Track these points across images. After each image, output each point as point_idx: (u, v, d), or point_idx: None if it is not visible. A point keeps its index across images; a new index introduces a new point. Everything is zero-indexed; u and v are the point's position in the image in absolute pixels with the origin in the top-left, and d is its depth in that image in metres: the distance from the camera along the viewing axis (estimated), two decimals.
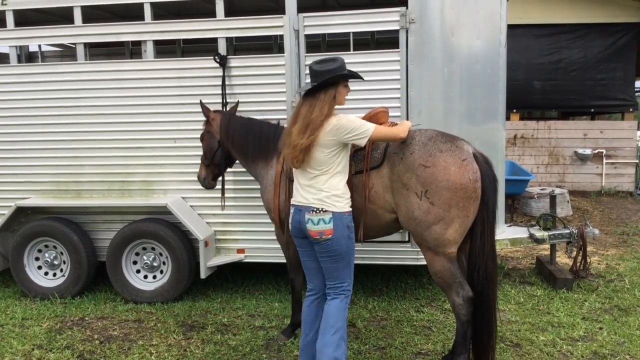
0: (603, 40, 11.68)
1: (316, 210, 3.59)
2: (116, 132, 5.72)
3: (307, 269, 3.89)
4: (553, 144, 11.77)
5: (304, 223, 3.63)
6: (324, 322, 3.72)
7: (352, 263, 3.77)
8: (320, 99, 3.58)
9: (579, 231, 5.92)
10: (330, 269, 3.71)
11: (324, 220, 3.59)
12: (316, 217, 3.59)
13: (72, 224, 5.79)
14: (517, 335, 4.72)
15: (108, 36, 5.74)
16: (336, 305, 3.72)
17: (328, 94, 3.60)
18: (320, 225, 3.59)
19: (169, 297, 5.62)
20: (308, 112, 3.57)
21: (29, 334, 4.98)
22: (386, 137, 3.76)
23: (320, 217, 3.59)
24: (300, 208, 3.67)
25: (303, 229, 3.66)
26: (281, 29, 5.33)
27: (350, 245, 3.69)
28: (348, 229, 3.66)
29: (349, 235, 3.68)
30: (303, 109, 3.62)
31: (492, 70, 5.67)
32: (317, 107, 3.56)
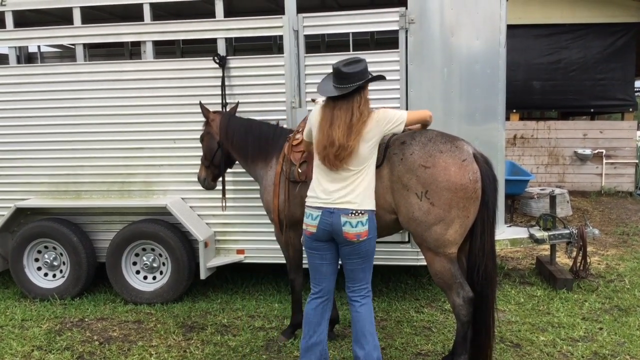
0: (602, 40, 11.68)
1: (354, 212, 3.56)
2: (116, 132, 5.72)
3: (318, 272, 3.80)
4: (553, 144, 11.77)
5: (338, 226, 3.56)
6: (361, 329, 3.69)
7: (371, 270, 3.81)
8: (357, 100, 3.56)
9: (579, 231, 5.91)
10: (358, 270, 3.69)
11: (362, 222, 3.58)
12: (355, 220, 3.57)
13: (71, 224, 5.79)
14: (517, 336, 4.72)
15: (107, 37, 5.74)
16: (368, 310, 3.73)
17: (363, 95, 3.59)
18: (359, 228, 3.57)
19: (168, 298, 5.61)
20: (347, 115, 3.52)
21: (29, 335, 4.98)
22: (418, 119, 3.84)
23: (358, 220, 3.57)
24: (332, 210, 3.58)
25: (335, 231, 3.58)
26: (280, 29, 5.32)
27: (375, 245, 3.74)
28: (376, 229, 3.70)
29: (375, 237, 3.71)
30: (339, 111, 3.54)
31: (492, 70, 5.67)
32: (356, 109, 3.54)
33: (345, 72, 3.52)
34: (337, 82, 3.56)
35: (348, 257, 3.68)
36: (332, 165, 3.58)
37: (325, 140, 3.56)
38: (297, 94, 5.30)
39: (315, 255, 3.75)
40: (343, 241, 3.61)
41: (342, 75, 3.53)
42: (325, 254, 3.73)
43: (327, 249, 3.71)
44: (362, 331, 3.70)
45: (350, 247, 3.62)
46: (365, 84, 3.60)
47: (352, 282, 3.74)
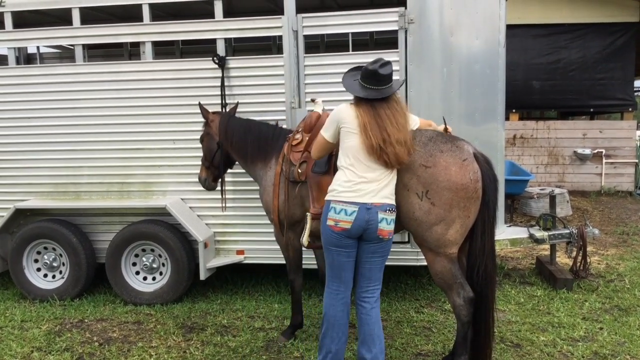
0: (602, 40, 11.68)
1: (391, 209, 3.61)
2: (115, 133, 5.72)
3: (344, 270, 3.72)
4: (552, 144, 11.77)
5: (375, 222, 3.54)
6: (370, 332, 3.69)
7: None
8: (396, 100, 3.65)
9: (579, 231, 5.91)
10: (376, 269, 3.71)
11: (394, 220, 3.64)
12: (389, 217, 3.60)
13: (71, 225, 5.78)
14: (517, 336, 4.72)
15: (106, 37, 5.74)
16: (378, 314, 3.75)
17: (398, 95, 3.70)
18: (392, 225, 3.63)
19: (168, 298, 5.61)
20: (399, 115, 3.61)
21: (28, 336, 4.97)
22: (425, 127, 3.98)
23: (392, 217, 3.62)
24: (369, 206, 3.55)
25: (370, 228, 3.56)
26: (280, 29, 5.32)
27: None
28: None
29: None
30: (388, 111, 3.58)
31: (491, 70, 5.66)
32: (403, 109, 3.66)
33: (383, 74, 3.58)
34: (375, 83, 3.59)
35: (371, 256, 3.67)
36: (394, 162, 3.57)
37: (383, 137, 3.53)
38: (297, 94, 5.30)
39: (343, 253, 3.67)
40: (374, 238, 3.59)
41: (380, 77, 3.58)
42: (352, 252, 3.68)
43: (354, 246, 3.66)
44: (370, 334, 3.69)
45: (377, 245, 3.63)
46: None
47: (367, 282, 3.72)
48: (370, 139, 3.53)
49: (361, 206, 3.55)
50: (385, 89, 3.59)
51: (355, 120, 3.60)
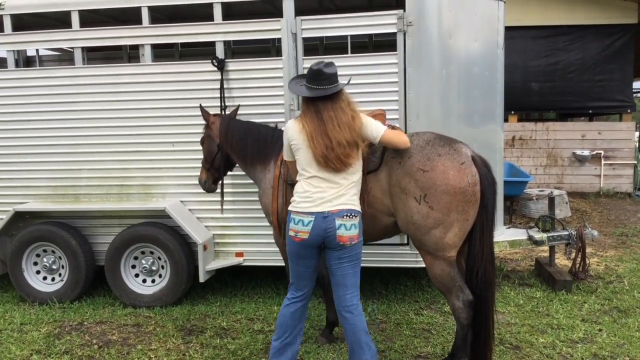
0: (600, 42, 11.70)
1: (349, 214, 3.56)
2: (114, 136, 5.72)
3: (302, 278, 3.79)
4: (551, 145, 11.78)
5: (333, 229, 3.53)
6: (357, 341, 3.65)
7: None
8: (344, 100, 3.63)
9: (578, 233, 5.92)
10: (349, 275, 3.65)
11: (355, 225, 3.58)
12: (349, 222, 3.56)
13: (70, 228, 5.78)
14: (516, 338, 4.72)
15: (106, 40, 5.75)
16: (361, 320, 3.68)
17: (346, 95, 3.66)
18: (352, 231, 3.57)
19: (167, 301, 5.61)
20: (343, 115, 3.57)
21: (28, 339, 4.97)
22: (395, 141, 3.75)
23: (352, 222, 3.57)
24: (326, 214, 3.55)
25: (329, 235, 3.55)
26: (279, 32, 5.32)
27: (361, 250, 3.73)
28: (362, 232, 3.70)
29: (362, 239, 3.71)
30: (331, 112, 3.57)
31: (490, 72, 5.68)
32: (348, 108, 3.61)
33: (327, 73, 3.58)
34: (318, 83, 3.58)
35: (339, 262, 3.64)
36: (340, 165, 3.56)
37: (325, 143, 3.53)
38: (296, 97, 5.30)
39: (301, 262, 3.72)
40: (336, 245, 3.58)
41: (324, 76, 3.57)
42: (311, 262, 3.72)
43: (314, 255, 3.70)
44: (358, 343, 3.66)
45: (341, 251, 3.61)
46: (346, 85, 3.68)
47: (344, 290, 3.68)
48: (316, 148, 3.56)
49: (317, 215, 3.57)
50: (330, 87, 3.57)
51: (300, 134, 3.62)
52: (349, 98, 3.67)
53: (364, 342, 3.65)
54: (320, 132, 3.55)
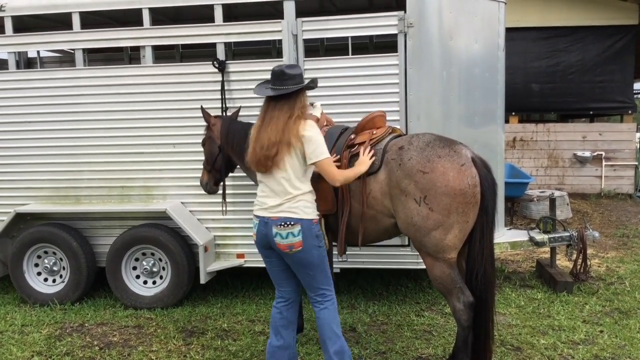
0: (601, 43, 11.69)
1: (284, 223, 3.54)
2: (115, 137, 5.72)
3: (274, 277, 3.84)
4: (552, 146, 11.77)
5: (271, 236, 3.57)
6: (323, 334, 3.71)
7: (328, 269, 3.74)
8: (300, 101, 3.59)
9: (579, 234, 5.91)
10: (307, 279, 3.68)
11: (292, 233, 3.54)
12: (284, 231, 3.54)
13: (71, 229, 5.78)
14: (517, 339, 4.71)
15: (107, 42, 5.76)
16: (329, 314, 3.70)
17: (303, 99, 3.63)
18: (289, 239, 3.54)
19: (168, 302, 5.61)
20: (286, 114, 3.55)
21: (29, 340, 4.97)
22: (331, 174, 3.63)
23: (288, 231, 3.54)
24: (266, 220, 3.58)
25: (271, 241, 3.59)
26: (280, 33, 5.33)
27: (321, 253, 3.65)
28: (317, 238, 3.61)
29: (319, 245, 3.63)
30: (279, 112, 3.56)
31: (491, 73, 5.68)
32: (298, 109, 3.57)
33: (289, 73, 3.58)
34: (279, 83, 3.58)
35: (292, 267, 3.69)
36: (263, 167, 3.57)
37: (260, 144, 3.56)
38: None
39: (268, 261, 3.79)
40: (279, 251, 3.61)
41: (286, 76, 3.57)
42: (272, 260, 3.76)
43: (272, 255, 3.73)
44: (322, 337, 3.73)
45: (289, 258, 3.63)
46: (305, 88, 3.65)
47: (308, 289, 3.75)
48: (253, 150, 3.60)
49: (260, 219, 3.62)
50: (286, 88, 3.56)
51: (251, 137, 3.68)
52: (304, 103, 3.63)
53: (327, 336, 3.69)
54: (259, 135, 3.59)
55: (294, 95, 3.59)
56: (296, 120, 3.54)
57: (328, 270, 3.75)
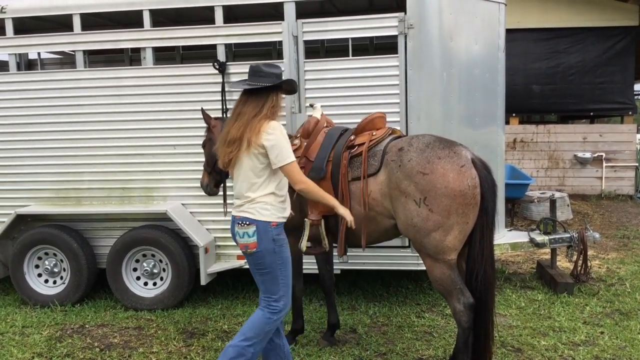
0: (601, 44, 11.70)
1: (241, 222, 3.56)
2: (116, 139, 5.73)
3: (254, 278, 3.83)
4: (553, 147, 11.77)
5: (234, 234, 3.64)
6: (243, 326, 3.71)
7: (281, 278, 3.64)
8: (271, 100, 3.56)
9: (580, 235, 5.91)
10: (259, 280, 3.68)
11: (247, 233, 3.54)
12: (241, 230, 3.56)
13: (72, 231, 5.79)
14: (518, 340, 4.71)
15: (107, 43, 5.76)
16: (258, 316, 3.67)
17: (277, 99, 3.60)
18: (245, 239, 3.56)
19: (169, 304, 5.61)
20: (254, 110, 3.51)
21: (29, 342, 4.97)
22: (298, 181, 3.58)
23: (244, 231, 3.55)
24: (233, 218, 3.63)
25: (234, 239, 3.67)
26: (280, 35, 5.34)
27: (275, 261, 3.58)
28: (274, 242, 3.57)
29: (275, 250, 3.57)
30: (248, 107, 3.53)
31: (491, 74, 5.68)
32: (267, 107, 3.53)
33: (265, 70, 3.57)
34: (254, 79, 3.56)
35: (249, 265, 3.69)
36: (227, 165, 3.58)
37: (224, 136, 3.58)
38: (297, 99, 5.31)
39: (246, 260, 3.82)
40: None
41: (262, 73, 3.56)
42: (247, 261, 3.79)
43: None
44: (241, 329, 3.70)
45: (246, 258, 3.66)
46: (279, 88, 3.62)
47: (259, 288, 3.74)
48: (219, 147, 3.62)
49: (232, 217, 3.67)
50: (256, 84, 3.55)
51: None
52: (276, 104, 3.60)
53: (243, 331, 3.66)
54: (227, 127, 3.59)
55: (266, 94, 3.56)
56: (261, 120, 3.48)
57: (280, 280, 3.64)
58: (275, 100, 3.58)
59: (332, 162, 4.16)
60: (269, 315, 3.66)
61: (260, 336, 3.64)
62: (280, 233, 3.61)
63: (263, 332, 3.64)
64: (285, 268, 3.65)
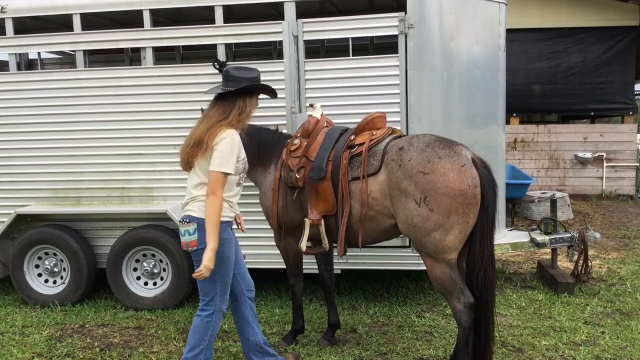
0: (602, 44, 11.70)
1: (183, 220, 3.58)
2: (116, 138, 5.72)
3: None
4: (553, 147, 11.77)
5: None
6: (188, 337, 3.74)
7: (219, 278, 3.66)
8: (238, 106, 3.64)
9: (580, 235, 5.91)
10: (198, 280, 3.66)
11: (188, 231, 3.55)
12: (183, 228, 3.57)
13: (72, 231, 5.78)
14: (519, 340, 4.71)
15: (107, 43, 5.76)
16: (196, 322, 3.73)
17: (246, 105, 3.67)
18: (186, 237, 3.56)
19: (169, 303, 5.60)
20: (220, 115, 3.60)
21: (29, 341, 4.97)
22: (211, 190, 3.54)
23: (185, 228, 3.56)
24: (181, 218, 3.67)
25: None
26: (280, 34, 5.33)
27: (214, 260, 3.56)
28: None
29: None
30: (215, 111, 3.63)
31: (492, 74, 5.68)
32: (233, 112, 3.61)
33: (233, 75, 3.64)
34: (225, 84, 3.65)
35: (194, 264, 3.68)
36: (184, 165, 3.65)
37: (187, 138, 3.65)
38: (297, 99, 5.31)
39: None
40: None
41: (230, 78, 3.63)
42: None
43: None
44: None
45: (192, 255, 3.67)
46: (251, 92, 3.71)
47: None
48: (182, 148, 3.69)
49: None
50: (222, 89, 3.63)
51: None
52: (244, 110, 3.66)
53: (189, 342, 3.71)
54: (193, 129, 3.67)
55: (234, 99, 3.63)
56: (223, 126, 3.56)
57: (217, 279, 3.66)
58: (243, 106, 3.66)
59: (332, 161, 4.16)
60: (204, 317, 3.71)
61: (205, 341, 3.70)
62: (222, 231, 3.59)
63: (207, 337, 3.70)
64: (224, 268, 3.66)
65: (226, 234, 3.65)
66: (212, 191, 3.50)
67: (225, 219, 3.64)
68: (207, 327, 3.70)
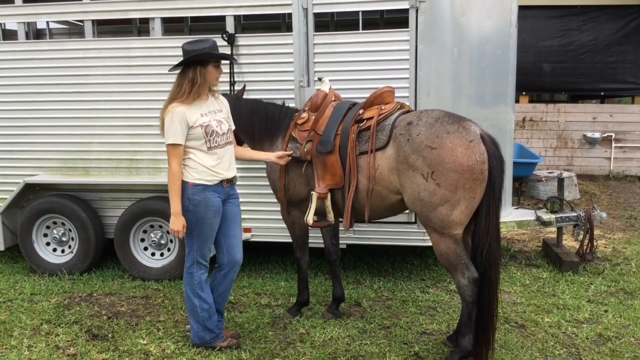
0: (614, 23, 11.52)
1: None
2: (124, 109, 5.72)
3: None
4: (562, 127, 11.69)
5: None
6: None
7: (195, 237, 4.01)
8: (188, 77, 3.83)
9: (587, 214, 5.90)
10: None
11: None
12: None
13: (80, 201, 5.82)
14: (522, 317, 4.74)
15: (116, 13, 5.72)
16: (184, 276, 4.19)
17: (197, 74, 3.83)
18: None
19: (176, 274, 5.65)
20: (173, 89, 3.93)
21: (38, 309, 5.04)
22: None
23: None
24: None
25: None
26: (290, 7, 5.28)
27: (189, 219, 3.92)
28: (189, 201, 3.88)
29: (189, 208, 3.89)
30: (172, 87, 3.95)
31: (502, 51, 5.62)
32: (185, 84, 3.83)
33: (186, 49, 3.85)
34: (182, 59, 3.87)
35: None
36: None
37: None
38: (306, 73, 5.28)
39: None
40: None
41: (184, 53, 3.85)
42: None
43: None
44: None
45: None
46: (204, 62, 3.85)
47: None
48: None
49: None
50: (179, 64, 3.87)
51: None
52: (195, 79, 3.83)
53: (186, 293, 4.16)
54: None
55: (186, 72, 3.85)
56: (174, 101, 3.85)
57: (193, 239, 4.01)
58: (194, 76, 3.83)
59: (341, 135, 4.16)
60: (187, 269, 4.14)
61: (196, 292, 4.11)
62: (196, 193, 3.89)
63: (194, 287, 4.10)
64: (199, 226, 3.96)
65: (200, 196, 3.90)
66: (168, 163, 3.87)
67: (199, 181, 3.90)
68: (192, 278, 4.10)
